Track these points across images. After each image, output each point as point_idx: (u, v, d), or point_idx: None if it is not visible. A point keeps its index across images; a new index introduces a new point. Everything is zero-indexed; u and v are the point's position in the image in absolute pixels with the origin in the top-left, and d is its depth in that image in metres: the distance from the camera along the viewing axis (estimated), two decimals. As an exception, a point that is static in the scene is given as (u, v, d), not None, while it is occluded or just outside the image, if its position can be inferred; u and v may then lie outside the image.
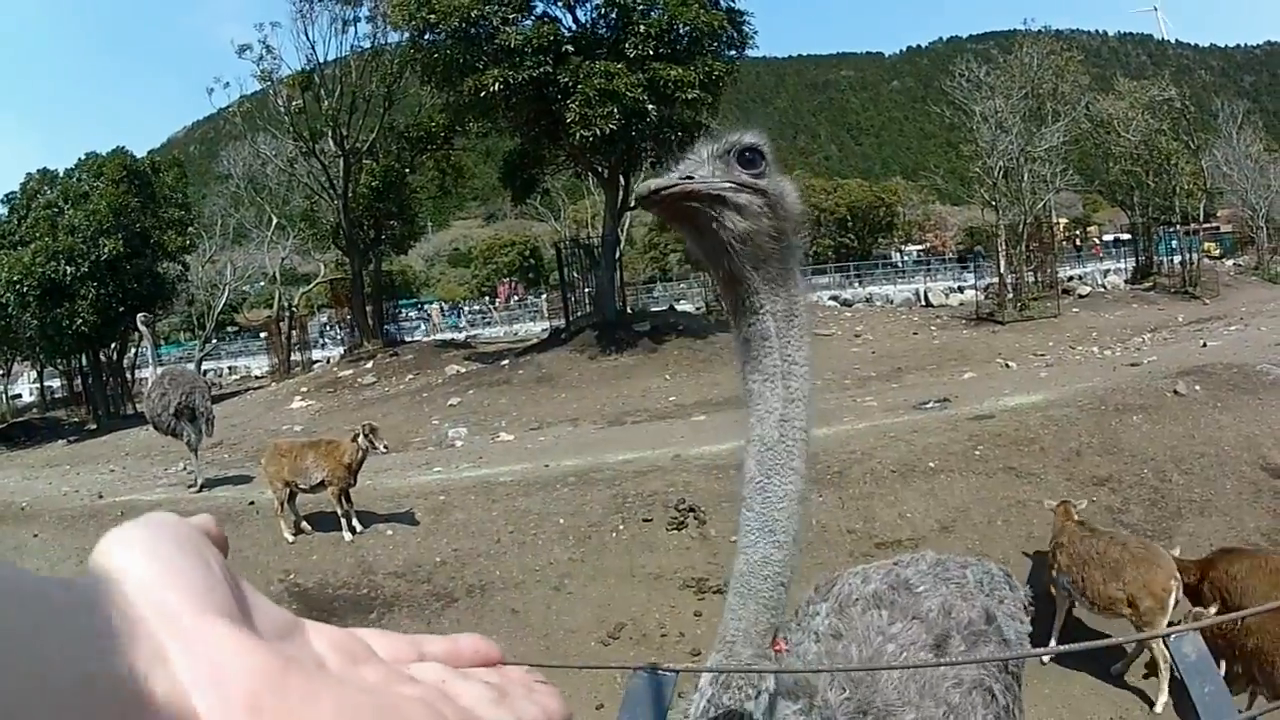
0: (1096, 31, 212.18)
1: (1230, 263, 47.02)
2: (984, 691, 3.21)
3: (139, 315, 23.06)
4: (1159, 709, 8.17)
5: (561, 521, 12.06)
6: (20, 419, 42.71)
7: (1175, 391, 12.50)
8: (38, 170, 35.38)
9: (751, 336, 2.21)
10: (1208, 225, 50.87)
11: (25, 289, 30.34)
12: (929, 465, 11.65)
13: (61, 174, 34.93)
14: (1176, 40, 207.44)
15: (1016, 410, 12.93)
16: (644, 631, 10.19)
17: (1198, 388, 12.54)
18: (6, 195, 35.21)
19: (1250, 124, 49.33)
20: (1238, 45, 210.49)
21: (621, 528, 11.74)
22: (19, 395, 55.72)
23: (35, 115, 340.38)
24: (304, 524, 13.04)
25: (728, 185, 2.11)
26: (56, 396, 47.93)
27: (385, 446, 12.55)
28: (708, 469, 12.58)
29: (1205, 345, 17.51)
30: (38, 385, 52.50)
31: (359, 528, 12.58)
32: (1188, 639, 2.75)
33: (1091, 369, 16.86)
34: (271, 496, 13.76)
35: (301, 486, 12.79)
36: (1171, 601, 8.11)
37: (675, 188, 2.08)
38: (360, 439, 12.29)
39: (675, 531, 11.32)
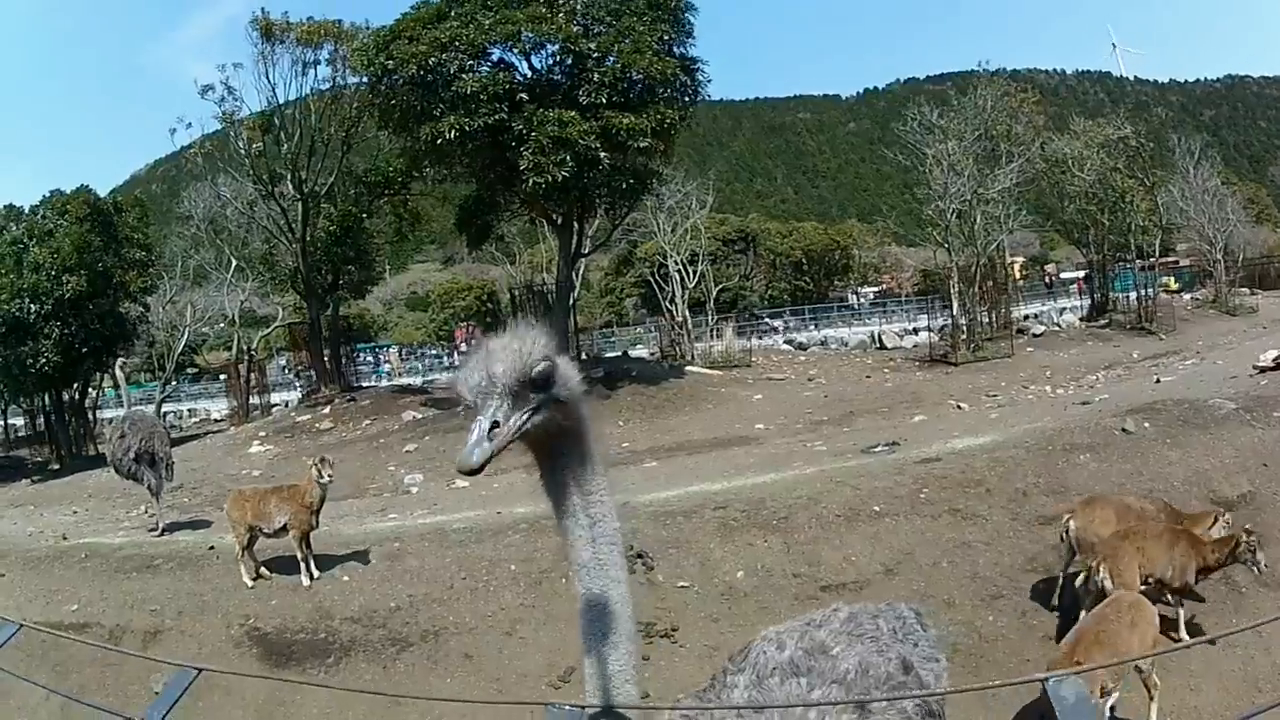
0: (1054, 70, 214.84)
1: (1189, 296, 47.53)
2: None
3: (118, 360, 23.18)
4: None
5: (513, 568, 12.16)
6: (-16, 455, 42.30)
7: (1124, 429, 12.64)
8: (3, 206, 35.13)
9: (553, 486, 2.77)
10: (1166, 260, 51.71)
11: None
12: (874, 509, 11.75)
13: (27, 210, 34.72)
14: (1135, 77, 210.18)
15: (963, 453, 13.07)
16: None
17: (1147, 425, 12.70)
18: None
19: (1208, 158, 50.08)
20: (1198, 80, 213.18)
21: (571, 574, 11.66)
22: None
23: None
24: (263, 569, 13.08)
25: (525, 424, 2.54)
26: (20, 435, 47.53)
27: (330, 477, 12.55)
28: (656, 515, 12.67)
29: (1159, 381, 17.68)
30: (1, 423, 52.16)
31: (317, 573, 12.66)
32: (1066, 683, 2.87)
33: (1043, 409, 17.03)
34: (232, 541, 13.81)
35: (265, 531, 12.87)
36: None
37: (488, 455, 2.43)
38: (314, 471, 12.41)
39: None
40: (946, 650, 9.01)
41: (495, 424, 2.48)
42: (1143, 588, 8.73)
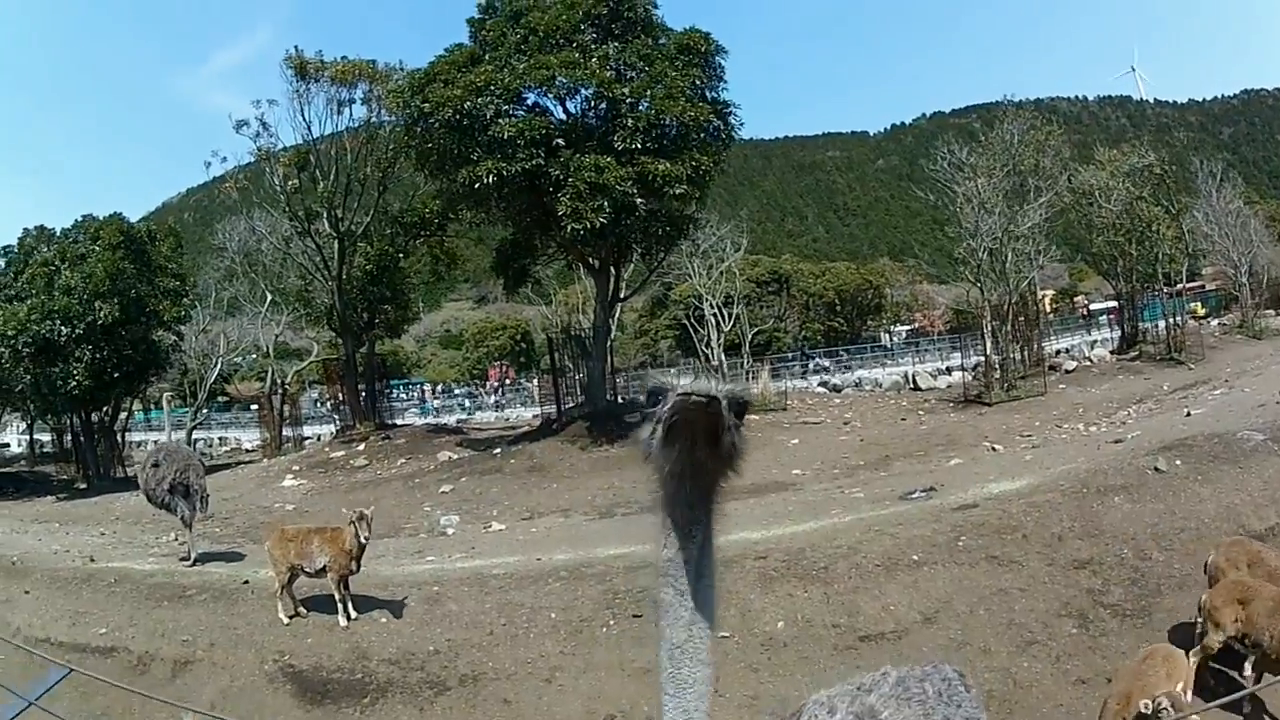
0: (1076, 97, 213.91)
1: (1215, 322, 47.17)
2: None
3: (165, 393, 23.35)
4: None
5: (553, 615, 12.15)
6: (9, 470, 43.11)
7: (1156, 468, 12.62)
8: (35, 227, 35.97)
9: (675, 559, 2.57)
10: (1193, 285, 51.35)
11: (19, 344, 30.63)
12: (913, 558, 11.76)
13: (58, 233, 35.44)
14: (1155, 100, 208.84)
15: (1000, 498, 13.06)
16: None
17: (1178, 462, 12.67)
18: (4, 249, 35.65)
19: (1230, 180, 50.02)
20: (1215, 97, 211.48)
21: (612, 623, 11.84)
22: (7, 444, 56.61)
23: (28, 169, 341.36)
24: (301, 608, 13.15)
25: (732, 420, 2.44)
26: (45, 451, 48.31)
27: (366, 538, 12.63)
28: None
29: (1189, 414, 17.56)
30: (27, 437, 52.49)
31: (355, 614, 12.72)
32: None
33: (1076, 449, 16.95)
34: (267, 575, 13.88)
35: (306, 571, 12.92)
36: None
37: (711, 396, 2.37)
38: (355, 526, 12.49)
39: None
40: (983, 695, 9.15)
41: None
42: (1236, 645, 8.79)
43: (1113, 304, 46.31)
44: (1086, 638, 10.22)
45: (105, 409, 37.84)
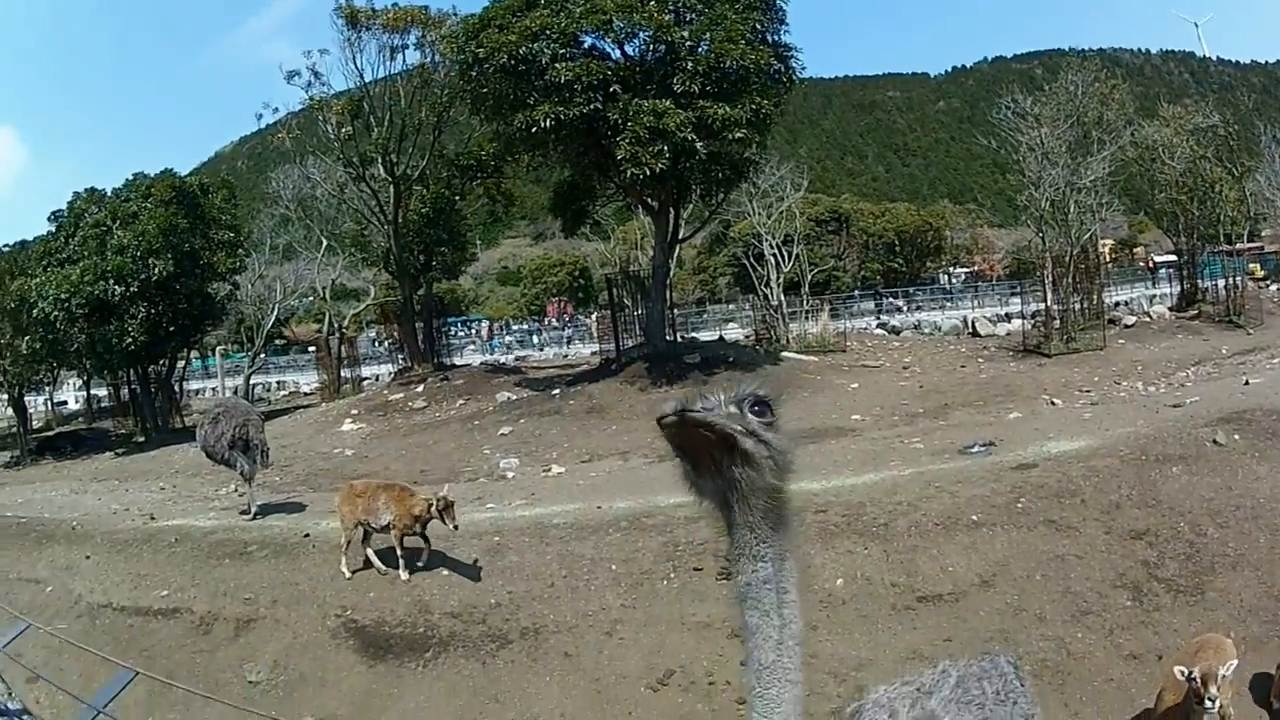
0: (1139, 49, 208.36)
1: (1275, 287, 46.22)
2: None
3: (217, 346, 23.46)
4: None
5: (614, 568, 12.23)
6: (67, 429, 43.65)
7: (1214, 441, 12.39)
8: (85, 189, 36.26)
9: (753, 581, 2.46)
10: (1252, 246, 50.48)
11: (73, 306, 30.97)
12: (972, 518, 11.71)
13: (109, 194, 35.70)
14: (1218, 58, 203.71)
15: (1059, 459, 12.91)
16: (692, 679, 10.40)
17: (1236, 437, 12.45)
18: (54, 213, 35.98)
19: (1293, 143, 48.78)
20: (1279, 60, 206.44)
21: (673, 575, 11.90)
22: (65, 402, 56.55)
23: (75, 131, 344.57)
24: (376, 561, 13.27)
25: (739, 429, 2.35)
26: (103, 406, 48.59)
27: (455, 526, 12.52)
28: None
29: (1248, 383, 17.24)
30: (84, 394, 52.88)
31: (419, 565, 12.86)
32: None
33: (1135, 410, 16.66)
34: (329, 527, 14.21)
35: (372, 526, 13.06)
36: None
37: (695, 414, 2.31)
38: (434, 508, 12.45)
39: (725, 581, 11.23)
40: (1034, 665, 9.18)
41: (707, 407, 2.38)
42: None
43: (1173, 258, 45.53)
44: (1140, 611, 10.16)
45: (162, 362, 38.36)
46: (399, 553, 12.91)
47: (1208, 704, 7.30)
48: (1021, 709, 3.97)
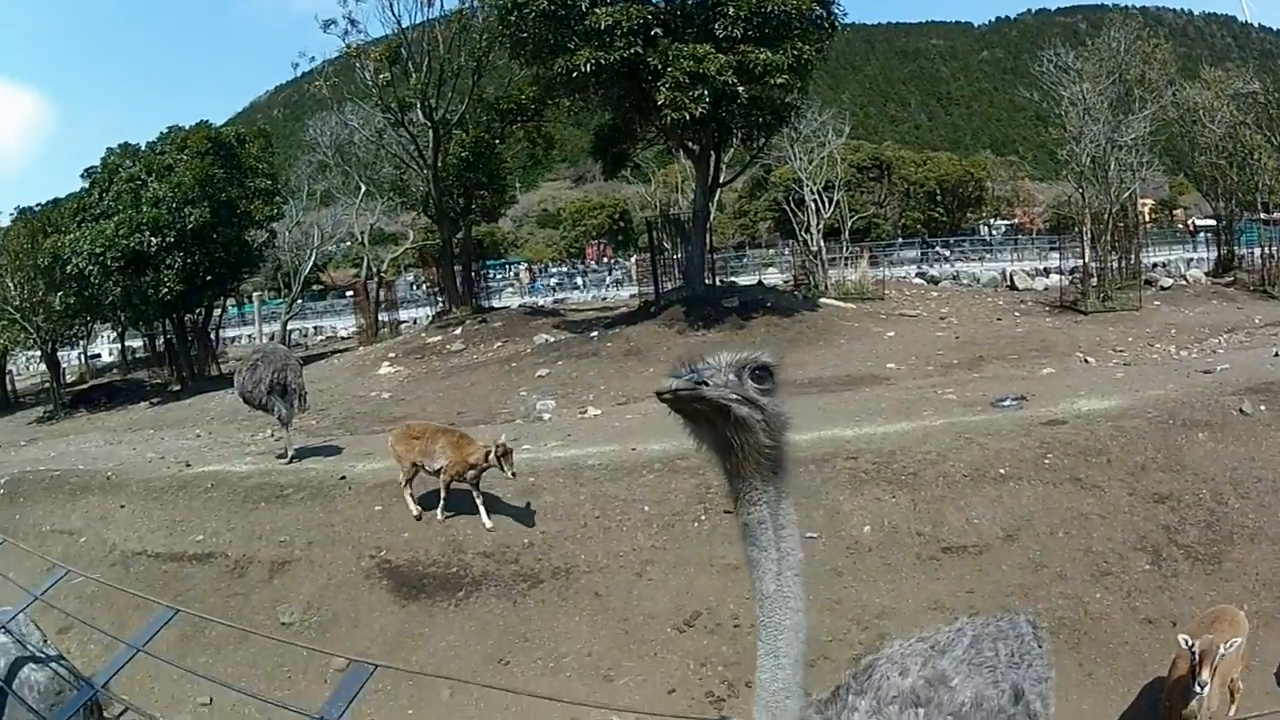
0: (1182, 10, 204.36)
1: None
2: None
3: (255, 293, 23.55)
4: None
5: (646, 509, 12.39)
6: (101, 380, 43.59)
7: (1241, 410, 12.33)
8: (118, 145, 36.26)
9: (750, 522, 2.77)
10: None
11: (108, 260, 31.17)
12: (1000, 471, 11.77)
13: (143, 148, 35.83)
14: (1260, 25, 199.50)
15: (1088, 417, 12.91)
16: (718, 621, 10.63)
17: (1263, 407, 12.39)
18: (87, 170, 36.09)
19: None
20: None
21: (704, 518, 12.04)
22: (98, 355, 56.65)
23: (106, 90, 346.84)
24: (413, 505, 13.27)
25: (734, 398, 2.60)
26: (138, 357, 48.72)
27: (513, 474, 12.51)
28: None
29: (1277, 355, 17.24)
30: (118, 345, 52.98)
31: (489, 524, 12.78)
32: None
33: (1166, 373, 16.62)
34: (365, 469, 14.53)
35: (427, 469, 13.07)
36: None
37: (689, 391, 2.57)
38: (491, 455, 12.38)
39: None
40: (1052, 622, 9.34)
41: (703, 381, 2.64)
42: None
43: (1211, 222, 45.00)
44: (1158, 576, 10.22)
45: (198, 311, 38.70)
46: (442, 495, 13.00)
47: (1196, 689, 7.36)
48: (1035, 672, 4.10)
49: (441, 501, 13.02)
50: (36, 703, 6.86)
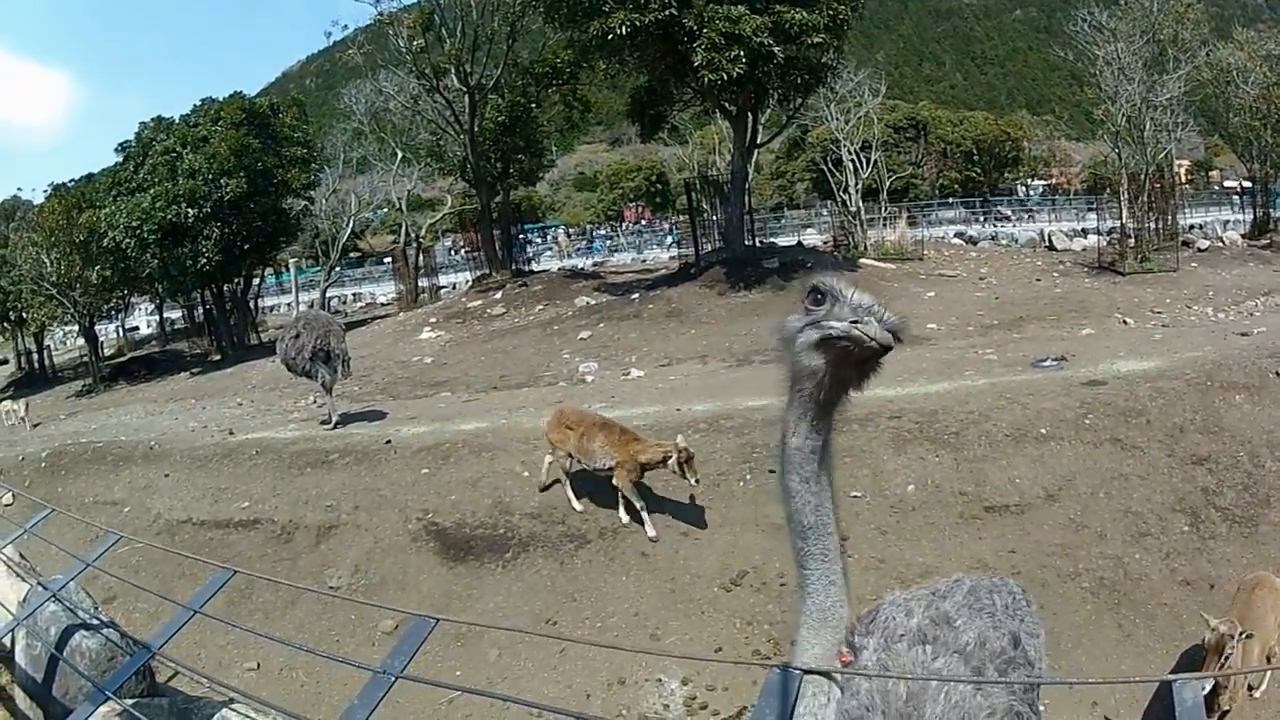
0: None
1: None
2: (1014, 716, 3.88)
3: (291, 260, 23.73)
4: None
5: None
6: (140, 353, 44.51)
7: (1277, 373, 12.33)
8: (152, 119, 36.71)
9: (803, 448, 2.74)
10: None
11: (145, 232, 31.67)
12: (1041, 431, 11.88)
13: (177, 121, 36.16)
14: None
15: (1127, 378, 12.99)
16: (764, 580, 10.80)
17: None
18: (121, 144, 36.47)
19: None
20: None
21: (749, 477, 12.18)
22: (136, 328, 56.90)
23: (136, 68, 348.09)
24: (573, 499, 12.58)
25: (878, 343, 2.55)
26: (176, 328, 49.18)
27: (696, 480, 11.48)
28: None
29: None
30: (156, 318, 53.36)
31: (651, 533, 11.83)
32: (1189, 686, 3.13)
33: (1203, 335, 16.65)
34: (410, 432, 14.78)
35: (586, 467, 12.29)
36: None
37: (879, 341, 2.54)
38: (672, 461, 11.42)
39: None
40: (1092, 582, 9.39)
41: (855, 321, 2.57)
42: None
43: (1248, 184, 44.56)
44: (1196, 538, 10.25)
45: (237, 280, 39.10)
46: (623, 500, 12.16)
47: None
48: (1028, 626, 4.39)
49: (622, 506, 12.21)
50: (88, 669, 7.04)
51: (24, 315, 39.12)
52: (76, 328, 40.82)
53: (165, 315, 51.78)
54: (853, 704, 3.54)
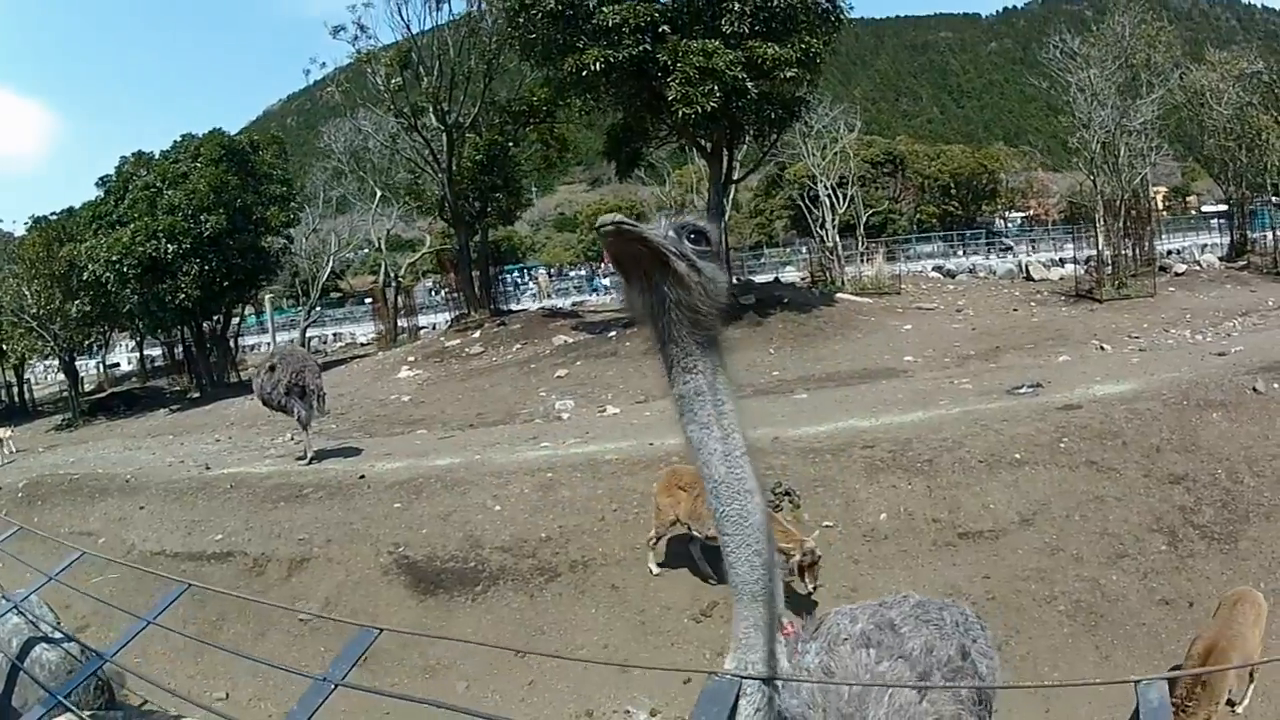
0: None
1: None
2: None
3: (266, 296, 23.77)
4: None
5: None
6: (120, 388, 44.03)
7: (1254, 389, 12.39)
8: (133, 153, 36.61)
9: (686, 394, 2.65)
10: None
11: (125, 267, 31.49)
12: (1015, 456, 11.83)
13: (157, 156, 36.00)
14: (1264, 5, 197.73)
15: (1103, 401, 12.99)
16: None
17: (1276, 385, 12.42)
18: (101, 178, 36.45)
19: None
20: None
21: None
22: (117, 364, 57.01)
23: (117, 102, 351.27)
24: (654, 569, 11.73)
25: (672, 249, 2.52)
26: (157, 365, 48.96)
27: (814, 587, 10.21)
28: (805, 452, 12.76)
29: None
30: (136, 354, 53.31)
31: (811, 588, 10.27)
32: (1155, 686, 3.10)
33: (1181, 356, 16.74)
34: (384, 468, 14.62)
35: (696, 532, 11.31)
36: None
37: (631, 227, 2.48)
38: (795, 559, 10.01)
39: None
40: (1069, 605, 9.38)
41: (649, 228, 2.54)
42: None
43: (1224, 208, 45.02)
44: (1175, 557, 10.25)
45: (216, 318, 39.00)
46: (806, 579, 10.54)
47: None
48: (980, 646, 4.19)
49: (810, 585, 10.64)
50: (47, 680, 7.07)
51: (3, 347, 39.15)
52: (57, 362, 40.63)
53: (146, 352, 51.69)
54: (793, 703, 3.30)
